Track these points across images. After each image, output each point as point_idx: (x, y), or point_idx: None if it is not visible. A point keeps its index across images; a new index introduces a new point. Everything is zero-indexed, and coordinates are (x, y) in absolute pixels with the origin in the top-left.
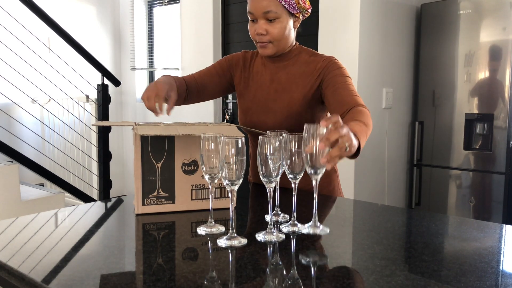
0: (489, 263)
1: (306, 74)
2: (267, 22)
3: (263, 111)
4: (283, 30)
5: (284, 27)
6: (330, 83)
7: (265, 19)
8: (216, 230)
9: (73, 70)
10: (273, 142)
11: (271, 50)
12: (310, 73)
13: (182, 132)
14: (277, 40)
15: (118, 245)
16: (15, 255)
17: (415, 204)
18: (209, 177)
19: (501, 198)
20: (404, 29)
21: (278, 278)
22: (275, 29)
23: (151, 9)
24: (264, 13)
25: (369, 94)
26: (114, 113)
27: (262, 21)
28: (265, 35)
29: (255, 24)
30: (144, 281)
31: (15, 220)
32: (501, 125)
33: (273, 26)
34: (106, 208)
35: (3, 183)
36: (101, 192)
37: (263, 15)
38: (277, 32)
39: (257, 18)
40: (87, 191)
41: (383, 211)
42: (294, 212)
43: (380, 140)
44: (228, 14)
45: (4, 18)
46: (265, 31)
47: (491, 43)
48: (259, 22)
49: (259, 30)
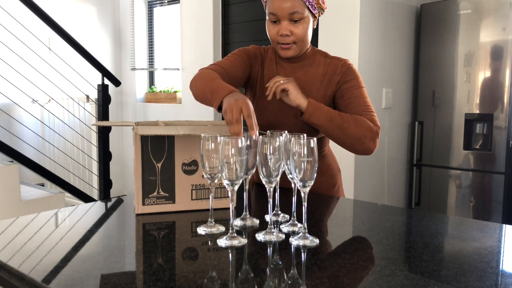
0: (489, 263)
1: (326, 76)
2: (291, 23)
3: (281, 111)
4: (306, 30)
5: (307, 28)
6: (345, 94)
7: (289, 20)
8: (216, 230)
9: (73, 70)
10: (273, 142)
11: (294, 52)
12: (329, 75)
13: (182, 132)
14: (300, 41)
15: (118, 245)
16: (15, 255)
17: (415, 204)
18: (209, 177)
19: (501, 198)
20: (404, 29)
21: (278, 278)
22: (299, 30)
23: (151, 9)
24: (290, 13)
25: (369, 94)
26: (114, 113)
27: (286, 22)
28: (290, 36)
29: (278, 25)
30: (144, 281)
31: (15, 220)
32: (501, 125)
33: (297, 27)
34: (106, 208)
35: (3, 183)
36: (101, 192)
37: (289, 16)
38: (301, 33)
39: (280, 19)
40: (87, 191)
41: (383, 211)
42: (294, 212)
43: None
44: (228, 14)
45: (4, 18)
46: (289, 32)
47: (491, 43)
48: (283, 23)
49: (283, 31)
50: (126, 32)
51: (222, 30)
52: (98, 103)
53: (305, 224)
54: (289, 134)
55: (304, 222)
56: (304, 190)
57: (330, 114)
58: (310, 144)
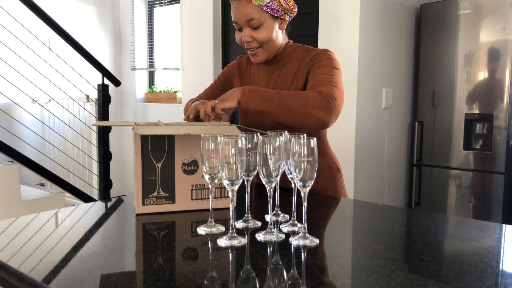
0: (488, 263)
1: (300, 69)
2: (252, 30)
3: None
4: (269, 34)
5: (270, 32)
6: (312, 73)
7: (249, 26)
8: (216, 230)
9: (73, 70)
10: (273, 142)
11: (262, 57)
12: (302, 66)
13: (182, 131)
14: (265, 44)
15: (118, 245)
16: (15, 255)
17: (415, 204)
18: (209, 177)
19: (501, 198)
20: (404, 29)
21: (278, 278)
22: (261, 35)
23: (151, 9)
24: (247, 21)
25: (369, 94)
26: (114, 113)
27: (247, 28)
28: (251, 41)
29: (241, 32)
30: (144, 281)
31: (15, 220)
32: (501, 125)
33: (258, 32)
34: (106, 208)
35: (3, 183)
36: (101, 192)
37: (247, 23)
38: (263, 36)
39: (242, 27)
40: (87, 191)
41: (383, 211)
42: (294, 212)
43: (380, 140)
44: (228, 14)
45: (4, 18)
46: (251, 38)
47: (490, 43)
48: (244, 30)
49: (245, 38)
50: (126, 32)
51: (222, 30)
52: (98, 103)
53: (305, 224)
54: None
55: (304, 222)
56: (304, 190)
57: (267, 95)
58: (310, 144)
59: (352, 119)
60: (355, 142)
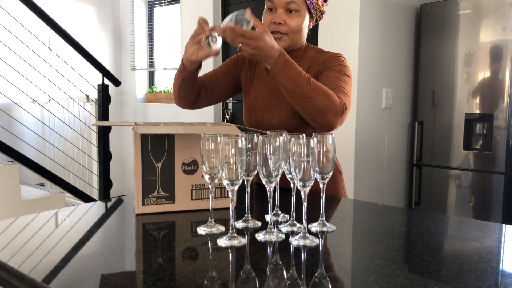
0: (488, 263)
1: (311, 70)
2: (286, 13)
3: (268, 109)
4: (300, 23)
5: (302, 21)
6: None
7: (285, 9)
8: (216, 230)
9: (73, 70)
10: (273, 142)
11: (284, 43)
12: (314, 68)
13: (182, 131)
14: (293, 33)
15: (118, 245)
16: (15, 255)
17: (415, 204)
18: (209, 177)
19: (501, 198)
20: (404, 29)
21: (278, 278)
22: (293, 21)
23: (151, 9)
24: (287, 2)
25: (369, 94)
26: (114, 113)
27: (282, 10)
28: (283, 25)
29: (273, 13)
30: (144, 281)
31: (15, 220)
32: (501, 125)
33: (291, 18)
34: (106, 208)
35: (3, 183)
36: (101, 192)
37: (285, 5)
38: (295, 24)
39: (276, 7)
40: (87, 191)
41: (383, 211)
42: (293, 212)
43: (380, 140)
44: (228, 14)
45: (4, 18)
46: (283, 21)
47: (491, 43)
48: (278, 12)
49: (277, 19)
50: (126, 32)
51: None
52: (98, 103)
53: (305, 224)
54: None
55: (304, 222)
56: (304, 190)
57: (298, 77)
58: (310, 144)
59: (352, 119)
60: (355, 142)
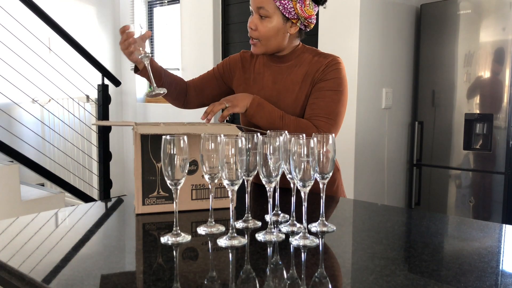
0: (488, 263)
1: (307, 74)
2: (259, 18)
3: None
4: (271, 30)
5: (274, 28)
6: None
7: (258, 14)
8: (216, 230)
9: (73, 70)
10: (273, 142)
11: (259, 49)
12: (311, 74)
13: (182, 131)
14: (264, 39)
15: (118, 245)
16: (15, 255)
17: (415, 204)
18: (209, 177)
19: (501, 198)
20: (404, 29)
21: (278, 278)
22: (263, 28)
23: (151, 9)
24: (257, 7)
25: (369, 94)
26: (114, 113)
27: (256, 15)
28: (254, 30)
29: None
30: (144, 281)
31: (15, 220)
32: (501, 125)
33: (262, 23)
34: (106, 208)
35: (4, 183)
36: (101, 192)
37: (257, 9)
38: (265, 31)
39: (253, 12)
40: (87, 191)
41: (383, 211)
42: (293, 212)
43: (379, 140)
44: (228, 14)
45: (4, 18)
46: (254, 26)
47: (491, 43)
48: (254, 16)
49: (250, 23)
50: None
51: (222, 30)
52: (98, 103)
53: (305, 224)
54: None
55: (304, 222)
56: (304, 190)
57: (271, 116)
58: (310, 144)
59: (352, 119)
60: (355, 142)
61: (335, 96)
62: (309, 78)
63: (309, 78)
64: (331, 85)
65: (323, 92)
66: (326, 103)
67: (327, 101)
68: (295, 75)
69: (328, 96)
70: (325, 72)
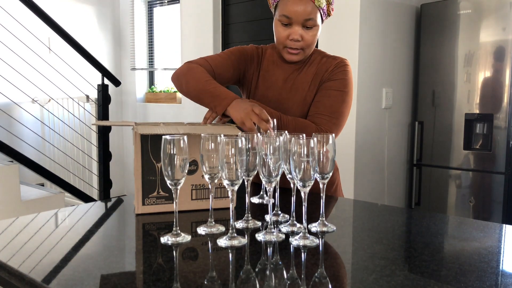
0: (489, 263)
1: (317, 74)
2: (303, 29)
3: None
4: (315, 37)
5: (317, 35)
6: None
7: (302, 25)
8: (216, 230)
9: (73, 70)
10: (273, 142)
11: (300, 57)
12: (320, 74)
13: (182, 131)
14: (308, 48)
15: (118, 245)
16: (15, 255)
17: (415, 204)
18: (209, 177)
19: (501, 198)
20: (404, 29)
21: (278, 278)
22: (310, 37)
23: (151, 9)
24: (305, 20)
25: (369, 94)
26: (114, 113)
27: (298, 27)
28: (300, 41)
29: (288, 28)
30: (144, 281)
31: (15, 220)
32: (501, 125)
33: (308, 33)
34: (106, 208)
35: (3, 183)
36: (101, 192)
37: (303, 21)
38: (312, 39)
39: (293, 23)
40: (87, 191)
41: (383, 211)
42: (293, 212)
43: (379, 140)
44: (228, 14)
45: (4, 18)
46: (300, 37)
47: (491, 43)
48: (295, 28)
49: (294, 35)
50: (126, 32)
51: (222, 30)
52: (98, 103)
53: (305, 224)
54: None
55: (304, 222)
56: (304, 190)
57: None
58: (310, 144)
59: (352, 119)
60: (355, 142)
61: (341, 96)
62: (318, 78)
63: (318, 78)
64: (337, 85)
65: (329, 91)
66: (331, 102)
67: (332, 100)
68: (305, 74)
69: (333, 95)
70: (333, 72)
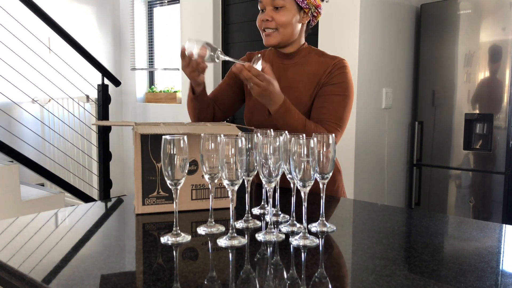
0: (488, 263)
1: (315, 74)
2: (274, 10)
3: None
4: (288, 18)
5: (290, 17)
6: (322, 95)
7: (272, 6)
8: (216, 230)
9: (73, 70)
10: (273, 142)
11: (275, 39)
12: (319, 75)
13: (182, 131)
14: (282, 27)
15: (118, 245)
16: (15, 255)
17: (415, 204)
18: (209, 177)
19: (501, 198)
20: (404, 29)
21: (278, 278)
22: (280, 16)
23: (151, 9)
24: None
25: (369, 94)
26: (114, 113)
27: (270, 8)
28: (271, 21)
29: (263, 13)
30: (144, 281)
31: (15, 220)
32: (501, 125)
33: (279, 13)
34: (106, 208)
35: (3, 183)
36: (101, 192)
37: (271, 2)
38: (283, 19)
39: (265, 6)
40: (87, 191)
41: (383, 211)
42: (293, 212)
43: (379, 140)
44: (228, 14)
45: (4, 18)
46: (270, 18)
47: (491, 43)
48: (267, 10)
49: (265, 16)
50: (126, 32)
51: (222, 30)
52: (98, 103)
53: (305, 224)
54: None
55: (304, 222)
56: (304, 190)
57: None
58: (310, 144)
59: (352, 119)
60: (355, 142)
61: (343, 101)
62: (316, 78)
63: (316, 78)
64: (338, 89)
65: (331, 96)
66: (335, 108)
67: (335, 107)
68: (300, 73)
69: (336, 101)
70: (332, 75)
